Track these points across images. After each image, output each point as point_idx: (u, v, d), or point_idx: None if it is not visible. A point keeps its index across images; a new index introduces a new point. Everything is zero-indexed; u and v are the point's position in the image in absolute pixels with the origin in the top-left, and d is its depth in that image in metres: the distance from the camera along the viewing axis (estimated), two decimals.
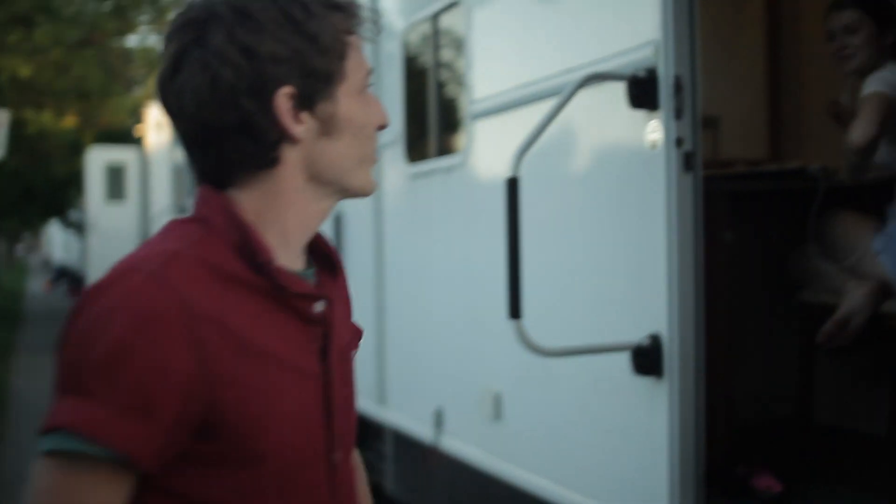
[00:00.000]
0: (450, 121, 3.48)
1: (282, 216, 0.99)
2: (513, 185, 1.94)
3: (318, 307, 1.01)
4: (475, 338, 3.04)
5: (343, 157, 1.01)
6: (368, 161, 1.04)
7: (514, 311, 1.97)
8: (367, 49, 1.04)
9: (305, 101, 0.96)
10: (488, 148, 3.00)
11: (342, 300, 1.09)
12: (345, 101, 0.99)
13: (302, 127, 0.97)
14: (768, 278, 2.83)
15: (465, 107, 3.10)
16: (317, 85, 0.97)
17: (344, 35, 0.99)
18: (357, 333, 1.15)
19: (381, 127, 1.05)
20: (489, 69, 2.98)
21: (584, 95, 2.21)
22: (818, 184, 2.49)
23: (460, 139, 3.29)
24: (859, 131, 2.29)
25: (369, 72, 1.03)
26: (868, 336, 2.41)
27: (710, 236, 2.23)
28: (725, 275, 2.43)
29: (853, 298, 2.39)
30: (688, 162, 2.14)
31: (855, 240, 2.47)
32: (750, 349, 2.72)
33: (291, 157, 0.98)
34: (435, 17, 3.41)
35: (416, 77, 3.62)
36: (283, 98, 0.95)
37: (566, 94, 2.12)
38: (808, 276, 2.65)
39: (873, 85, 2.37)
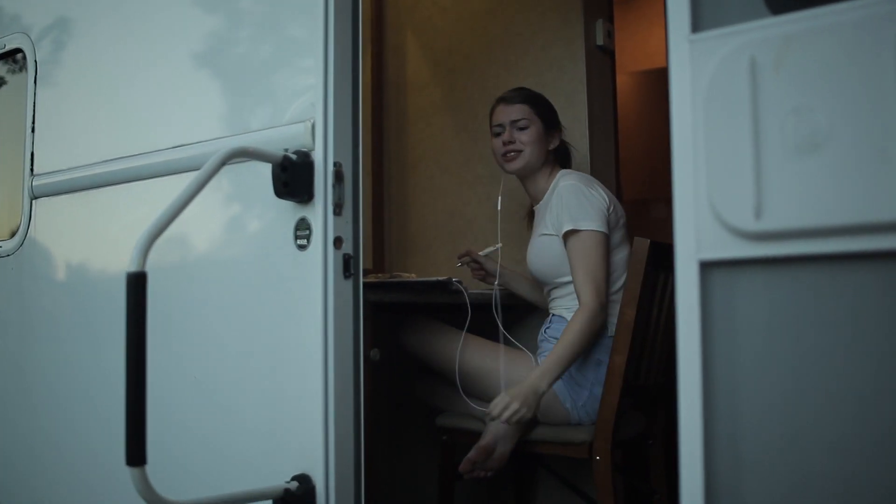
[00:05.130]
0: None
1: None
2: (138, 284, 1.39)
3: None
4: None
5: None
6: None
7: (136, 454, 1.38)
8: None
9: None
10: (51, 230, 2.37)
11: None
12: None
13: None
14: (408, 398, 2.56)
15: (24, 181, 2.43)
16: None
17: None
18: None
19: None
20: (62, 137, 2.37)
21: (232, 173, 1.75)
22: (463, 297, 2.29)
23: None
24: (592, 308, 2.11)
25: None
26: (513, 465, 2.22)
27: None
28: (370, 398, 2.09)
29: (498, 425, 2.18)
30: (347, 267, 1.78)
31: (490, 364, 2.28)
32: (400, 479, 2.39)
33: None
34: None
35: None
36: None
37: (200, 178, 1.61)
38: (442, 398, 2.42)
39: (585, 219, 2.19)
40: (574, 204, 2.20)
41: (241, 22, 2.01)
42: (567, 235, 2.20)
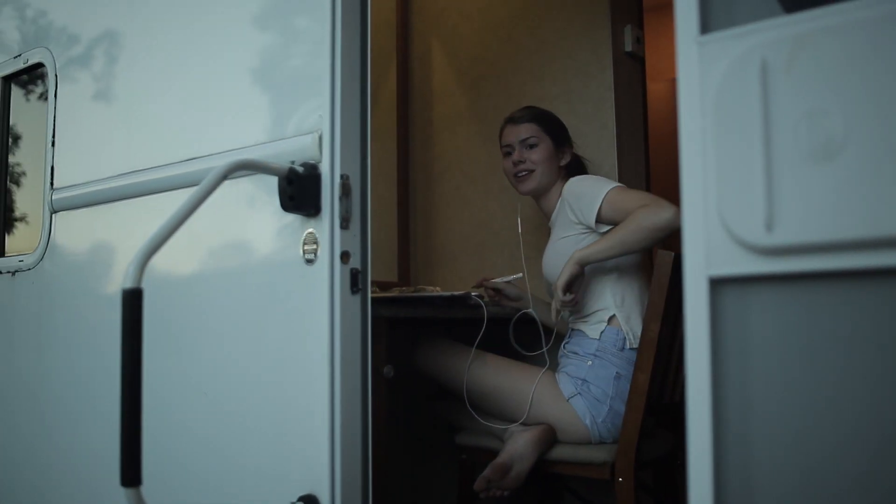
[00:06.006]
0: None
1: None
2: (134, 301, 1.35)
3: None
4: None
5: None
6: None
7: (131, 475, 1.34)
8: None
9: None
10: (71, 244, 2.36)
11: None
12: None
13: None
14: (425, 418, 2.49)
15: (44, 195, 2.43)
16: None
17: None
18: None
19: None
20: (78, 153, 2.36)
21: (240, 185, 1.71)
22: (482, 311, 2.22)
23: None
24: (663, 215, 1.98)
25: None
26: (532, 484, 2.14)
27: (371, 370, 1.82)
28: (384, 415, 2.04)
29: (516, 443, 2.11)
30: (355, 282, 1.73)
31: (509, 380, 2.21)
32: (417, 498, 2.34)
33: None
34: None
35: None
36: None
37: (199, 194, 1.56)
38: (460, 416, 2.35)
39: (603, 188, 2.14)
40: (587, 185, 2.19)
41: (251, 35, 1.98)
42: (600, 211, 2.14)
